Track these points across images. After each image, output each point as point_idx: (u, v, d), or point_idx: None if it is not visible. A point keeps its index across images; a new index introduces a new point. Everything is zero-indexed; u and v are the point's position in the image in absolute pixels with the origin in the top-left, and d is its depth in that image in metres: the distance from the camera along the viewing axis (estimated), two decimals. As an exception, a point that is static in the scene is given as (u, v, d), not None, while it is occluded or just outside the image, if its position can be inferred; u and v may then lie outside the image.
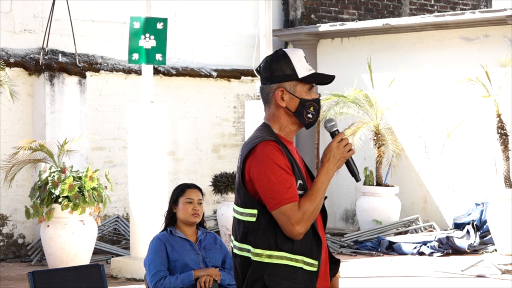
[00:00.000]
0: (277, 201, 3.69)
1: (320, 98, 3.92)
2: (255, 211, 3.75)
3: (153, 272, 5.77)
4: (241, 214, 3.80)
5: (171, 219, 6.00)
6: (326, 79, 3.88)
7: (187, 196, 5.98)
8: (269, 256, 3.73)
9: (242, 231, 3.79)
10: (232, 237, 3.88)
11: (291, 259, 3.72)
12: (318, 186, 3.76)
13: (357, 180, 3.92)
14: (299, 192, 3.76)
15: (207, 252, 5.94)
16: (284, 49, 3.90)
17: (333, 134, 3.87)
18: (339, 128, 3.89)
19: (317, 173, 3.82)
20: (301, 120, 3.85)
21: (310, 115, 3.85)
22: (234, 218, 3.86)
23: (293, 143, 3.94)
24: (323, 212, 3.94)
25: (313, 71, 3.87)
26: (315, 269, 3.77)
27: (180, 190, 6.02)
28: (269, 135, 3.81)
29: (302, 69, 3.84)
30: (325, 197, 3.93)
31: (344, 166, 3.87)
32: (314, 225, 3.79)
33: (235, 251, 3.83)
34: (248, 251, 3.76)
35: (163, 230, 6.01)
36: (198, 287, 5.76)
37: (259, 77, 3.99)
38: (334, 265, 4.04)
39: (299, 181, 3.78)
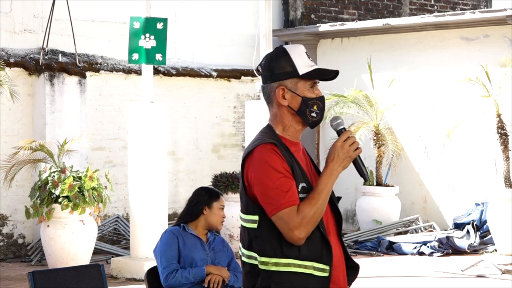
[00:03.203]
0: (274, 206, 3.52)
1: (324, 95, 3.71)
2: (256, 217, 3.59)
3: (165, 264, 5.83)
4: (245, 220, 3.65)
5: (190, 216, 6.01)
6: (329, 74, 3.68)
7: (221, 202, 6.08)
8: (276, 264, 3.56)
9: (247, 238, 3.64)
10: (240, 245, 3.73)
11: (299, 266, 3.55)
12: (320, 188, 3.56)
13: (366, 179, 3.72)
14: (302, 195, 3.57)
15: (216, 254, 6.01)
16: (284, 46, 3.70)
17: (339, 133, 3.66)
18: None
19: (321, 174, 3.62)
20: (305, 119, 3.65)
21: (314, 114, 3.66)
22: (241, 225, 3.72)
23: (299, 143, 3.75)
24: (337, 213, 3.76)
25: (315, 67, 3.67)
26: (326, 274, 3.58)
27: (215, 195, 6.09)
28: (269, 137, 3.64)
29: (303, 65, 3.64)
30: (339, 198, 3.80)
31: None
32: (321, 229, 3.60)
33: (243, 259, 3.68)
34: (255, 259, 3.61)
35: (175, 225, 6.04)
36: (206, 282, 5.80)
37: (259, 77, 3.88)
38: (353, 270, 3.80)
39: (302, 184, 3.60)
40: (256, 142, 3.64)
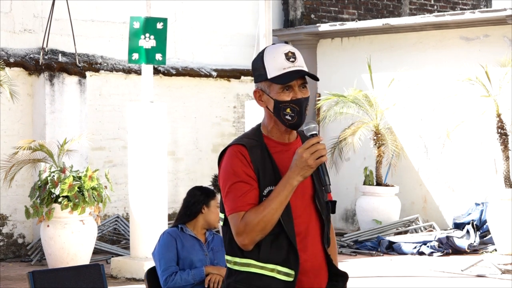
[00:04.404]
0: (227, 209, 3.53)
1: (303, 97, 3.55)
2: (222, 216, 3.62)
3: (164, 267, 5.83)
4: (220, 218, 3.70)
5: (188, 217, 6.01)
6: (294, 77, 3.52)
7: (217, 200, 6.10)
8: (236, 263, 3.58)
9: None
10: None
11: (261, 268, 3.52)
12: (271, 196, 3.45)
13: (326, 191, 3.52)
14: None
15: (214, 254, 6.00)
16: (268, 46, 3.65)
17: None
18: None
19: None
20: (281, 121, 3.56)
21: (288, 117, 3.54)
22: None
23: (289, 144, 3.64)
24: (322, 220, 3.63)
25: (290, 69, 3.52)
26: (291, 279, 3.51)
27: (212, 193, 6.12)
28: (248, 136, 3.62)
29: (274, 68, 3.53)
30: (334, 201, 3.67)
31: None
32: (288, 235, 3.51)
33: None
34: None
35: (173, 226, 6.03)
36: (206, 282, 5.81)
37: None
38: (342, 277, 3.71)
39: (270, 188, 3.50)
40: (231, 142, 3.64)
